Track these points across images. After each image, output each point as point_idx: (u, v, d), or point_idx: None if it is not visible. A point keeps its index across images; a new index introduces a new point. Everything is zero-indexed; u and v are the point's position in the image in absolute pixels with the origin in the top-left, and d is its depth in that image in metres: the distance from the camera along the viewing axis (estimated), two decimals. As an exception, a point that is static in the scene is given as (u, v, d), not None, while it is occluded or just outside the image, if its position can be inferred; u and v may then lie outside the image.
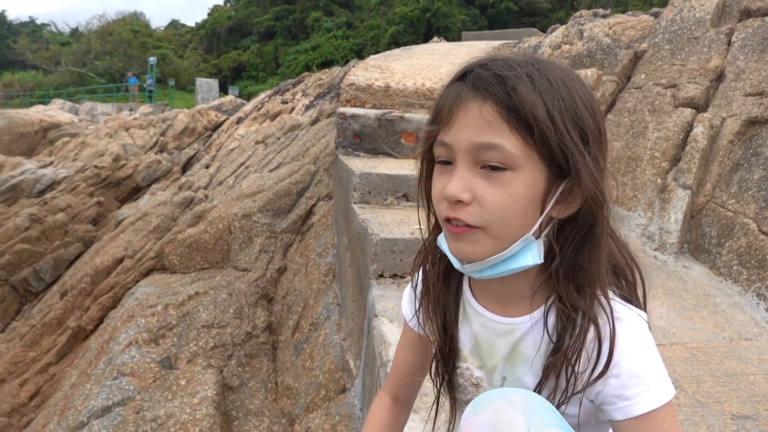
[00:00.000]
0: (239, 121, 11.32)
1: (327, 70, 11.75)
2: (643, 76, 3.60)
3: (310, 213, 4.86)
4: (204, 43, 40.84)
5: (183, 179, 8.76)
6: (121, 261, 5.11)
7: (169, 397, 2.95)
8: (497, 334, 0.79)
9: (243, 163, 7.70)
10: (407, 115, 3.25)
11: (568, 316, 0.72)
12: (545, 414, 0.70)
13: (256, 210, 4.79)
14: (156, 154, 11.11)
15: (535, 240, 0.71)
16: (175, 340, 3.40)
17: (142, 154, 11.08)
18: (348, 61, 12.80)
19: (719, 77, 3.24)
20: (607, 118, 3.48)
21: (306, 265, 4.15)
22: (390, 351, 1.69)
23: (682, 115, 3.09)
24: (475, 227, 0.68)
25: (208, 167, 9.21)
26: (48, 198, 8.33)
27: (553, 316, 0.74)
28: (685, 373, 1.71)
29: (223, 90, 24.92)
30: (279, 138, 7.70)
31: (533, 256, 0.70)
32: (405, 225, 2.31)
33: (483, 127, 0.66)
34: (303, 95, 10.03)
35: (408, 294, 0.94)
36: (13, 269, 6.78)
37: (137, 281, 4.57)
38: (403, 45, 8.44)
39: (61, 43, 42.16)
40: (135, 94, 23.52)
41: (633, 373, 0.70)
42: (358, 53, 26.57)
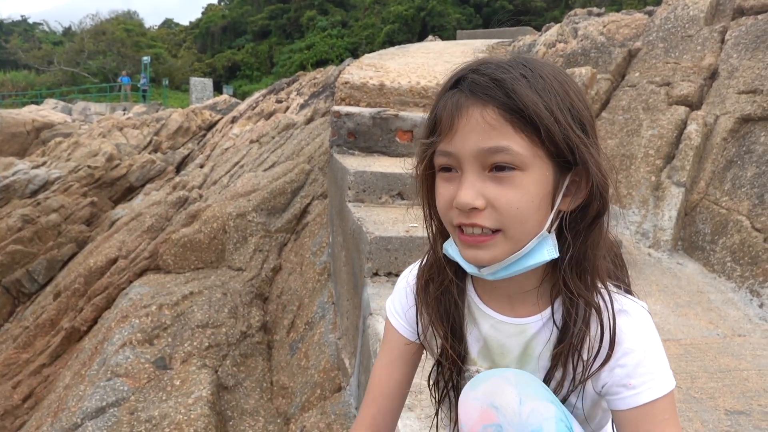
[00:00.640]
0: (234, 120, 11.27)
1: (322, 69, 11.72)
2: (637, 74, 3.60)
3: (304, 212, 4.85)
4: (198, 42, 40.69)
5: (177, 179, 8.71)
6: (114, 261, 5.08)
7: (164, 398, 2.93)
8: (508, 335, 0.79)
9: (237, 163, 7.67)
10: (402, 113, 3.24)
11: (572, 302, 0.73)
12: (535, 387, 0.73)
13: (250, 209, 4.77)
14: (150, 153, 11.05)
15: (549, 235, 0.72)
16: (170, 340, 3.39)
17: (135, 153, 11.02)
18: (343, 60, 12.77)
19: (713, 75, 3.26)
20: (601, 116, 3.48)
21: (301, 264, 4.14)
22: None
23: (675, 113, 3.10)
24: (493, 232, 0.69)
25: (203, 167, 9.17)
26: (41, 198, 8.27)
27: (560, 310, 0.75)
28: (679, 369, 1.71)
29: (218, 89, 24.84)
30: (273, 137, 7.68)
31: (549, 251, 0.71)
32: (400, 223, 2.30)
33: (488, 132, 0.66)
34: (298, 94, 10.01)
35: (398, 304, 0.90)
36: (5, 270, 6.72)
37: (131, 281, 4.54)
38: (398, 44, 8.43)
39: (54, 42, 41.90)
40: (127, 94, 23.35)
41: (639, 363, 0.72)
42: (353, 52, 26.54)
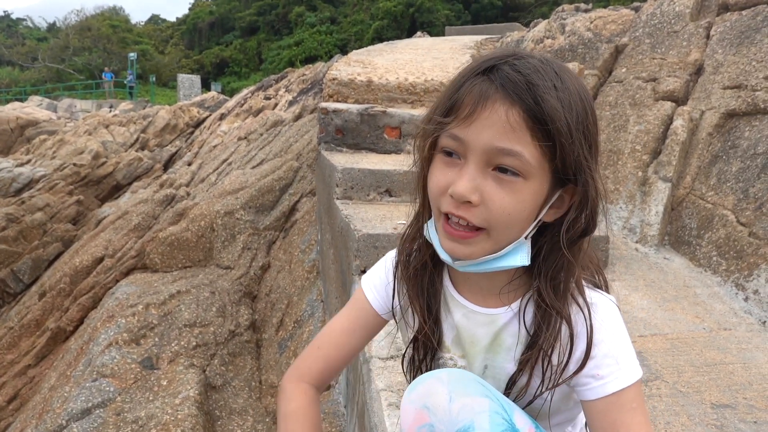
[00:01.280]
0: (222, 117, 11.18)
1: (310, 65, 11.66)
2: (624, 70, 3.62)
3: (293, 209, 4.82)
4: (185, 39, 40.29)
5: (164, 177, 8.63)
6: (101, 260, 5.01)
7: (151, 398, 2.90)
8: (479, 324, 0.80)
9: (225, 160, 7.61)
10: (390, 110, 3.23)
11: (545, 312, 0.74)
12: (467, 384, 0.75)
13: (238, 207, 4.73)
14: (137, 151, 10.92)
15: (525, 242, 0.72)
16: (157, 339, 3.35)
17: (122, 151, 10.89)
18: (332, 57, 12.71)
19: (698, 71, 3.28)
20: (588, 112, 3.49)
21: (290, 262, 4.12)
22: (373, 347, 1.67)
23: (662, 109, 3.11)
24: (477, 230, 0.69)
25: (190, 164, 9.08)
26: (26, 197, 8.15)
27: (531, 309, 0.76)
28: (665, 363, 1.72)
29: (206, 86, 24.62)
30: (262, 134, 7.63)
31: (522, 258, 0.72)
32: (388, 220, 2.29)
33: (507, 132, 0.65)
34: (286, 91, 9.94)
35: (377, 278, 0.91)
36: (-11, 270, 6.61)
37: (118, 281, 4.49)
38: (386, 40, 8.40)
39: (38, 38, 41.30)
40: (111, 90, 22.98)
41: (606, 354, 0.73)
42: (342, 48, 26.44)
